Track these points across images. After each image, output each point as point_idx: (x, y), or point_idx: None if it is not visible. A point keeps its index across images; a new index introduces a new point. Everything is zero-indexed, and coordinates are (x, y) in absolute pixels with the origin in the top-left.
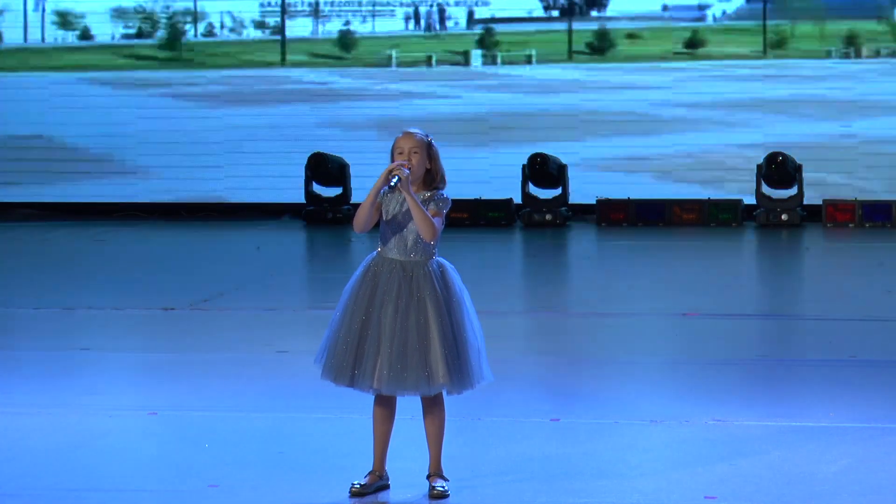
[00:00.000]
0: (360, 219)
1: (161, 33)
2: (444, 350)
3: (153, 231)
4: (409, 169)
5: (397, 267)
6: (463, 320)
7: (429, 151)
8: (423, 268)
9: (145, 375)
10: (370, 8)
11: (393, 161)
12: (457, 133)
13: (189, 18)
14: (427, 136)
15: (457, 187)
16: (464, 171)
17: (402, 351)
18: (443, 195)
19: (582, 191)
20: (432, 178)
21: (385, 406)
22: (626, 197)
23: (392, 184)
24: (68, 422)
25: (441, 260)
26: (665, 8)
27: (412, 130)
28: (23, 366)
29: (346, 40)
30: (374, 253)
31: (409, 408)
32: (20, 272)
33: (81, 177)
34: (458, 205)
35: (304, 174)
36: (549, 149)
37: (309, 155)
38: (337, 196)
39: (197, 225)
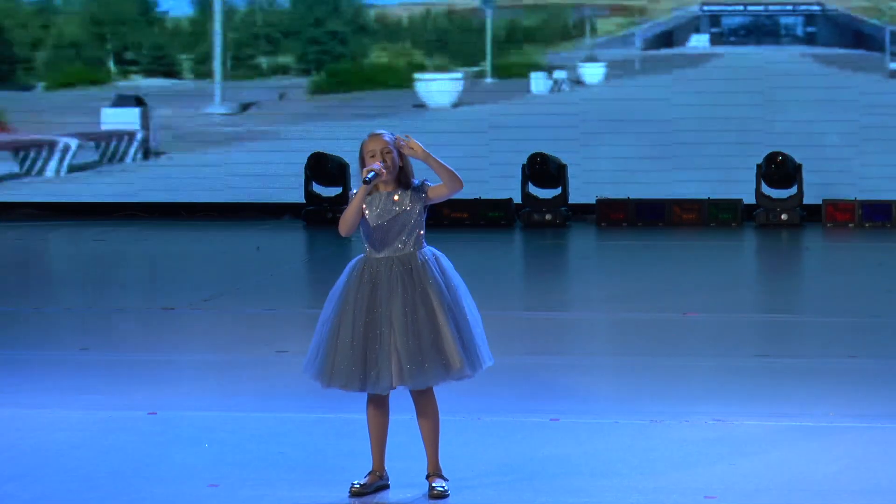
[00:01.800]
0: (348, 222)
1: None
2: (455, 336)
3: (153, 231)
4: (386, 165)
5: (396, 263)
6: (463, 304)
7: (399, 150)
8: (419, 258)
9: (145, 375)
10: None
11: (365, 164)
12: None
13: None
14: (394, 135)
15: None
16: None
17: (418, 343)
18: (422, 181)
19: (582, 191)
20: (406, 175)
21: (379, 405)
22: (625, 197)
23: (368, 178)
24: (68, 422)
25: (432, 248)
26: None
27: (379, 132)
28: (23, 366)
29: None
30: (361, 256)
31: (408, 406)
32: (21, 272)
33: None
34: (458, 204)
35: (303, 174)
36: None
37: (308, 155)
38: (337, 196)
39: (197, 225)
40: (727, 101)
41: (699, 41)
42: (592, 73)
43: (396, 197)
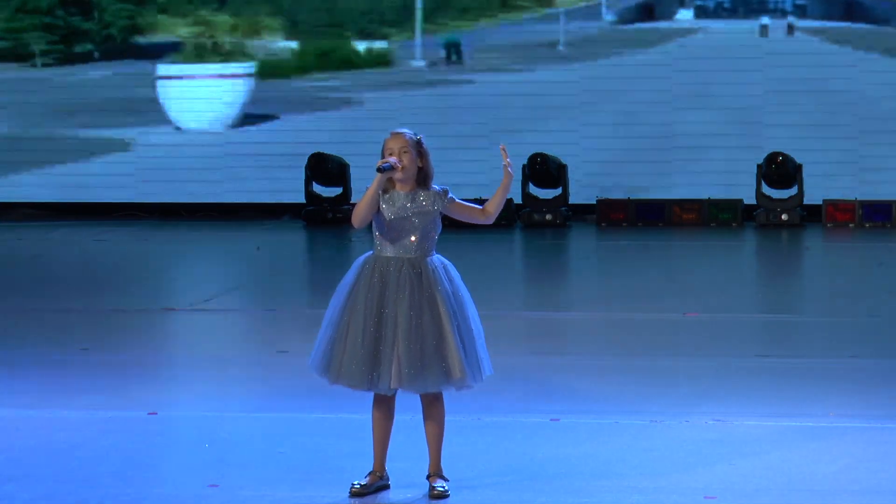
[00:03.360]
0: (361, 213)
1: None
2: (458, 344)
3: (153, 231)
4: (401, 163)
5: (406, 264)
6: (468, 314)
7: (419, 149)
8: (428, 264)
9: (145, 375)
10: None
11: None
12: None
13: None
14: (416, 134)
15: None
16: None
17: (420, 348)
18: (445, 189)
19: (582, 191)
20: (424, 175)
21: (384, 406)
22: (626, 197)
23: (383, 168)
24: (68, 422)
25: (441, 257)
26: None
27: (401, 130)
28: (23, 366)
29: None
30: (369, 254)
31: (408, 407)
32: (21, 272)
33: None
34: None
35: (304, 174)
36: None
37: (309, 155)
38: (337, 196)
39: (197, 225)
40: (725, 105)
41: (684, 16)
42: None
43: (416, 197)
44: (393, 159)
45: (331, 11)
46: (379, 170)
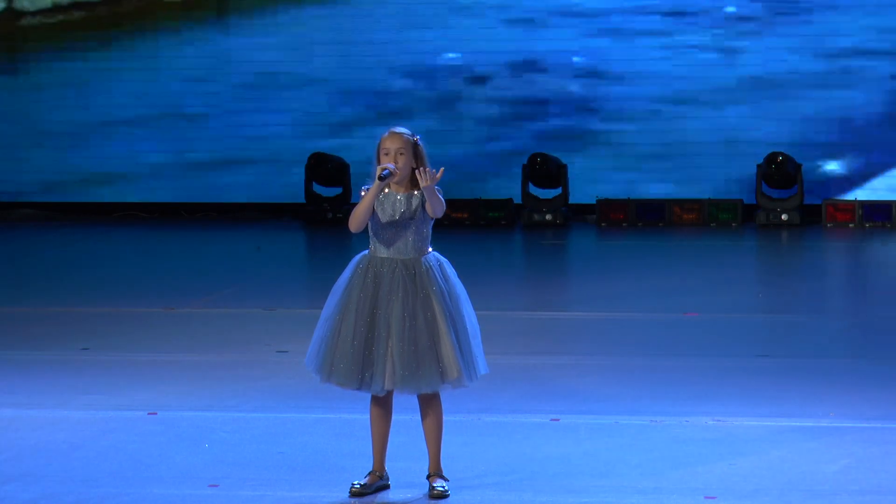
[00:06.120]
0: (358, 218)
1: None
2: (455, 344)
3: (153, 231)
4: (397, 167)
5: (399, 265)
6: (464, 312)
7: (415, 151)
8: (423, 264)
9: (145, 375)
10: None
11: (379, 161)
12: None
13: None
14: (413, 135)
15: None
16: None
17: (414, 349)
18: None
19: (582, 191)
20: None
21: (382, 405)
22: (626, 197)
23: (383, 175)
24: (68, 422)
25: (437, 254)
26: None
27: (398, 130)
28: (23, 366)
29: None
30: (365, 253)
31: (408, 406)
32: (20, 272)
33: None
34: (458, 205)
35: (303, 174)
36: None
37: (309, 155)
38: (337, 196)
39: (197, 225)
40: (725, 100)
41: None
42: None
43: (410, 198)
44: (391, 165)
45: None
46: (380, 178)
